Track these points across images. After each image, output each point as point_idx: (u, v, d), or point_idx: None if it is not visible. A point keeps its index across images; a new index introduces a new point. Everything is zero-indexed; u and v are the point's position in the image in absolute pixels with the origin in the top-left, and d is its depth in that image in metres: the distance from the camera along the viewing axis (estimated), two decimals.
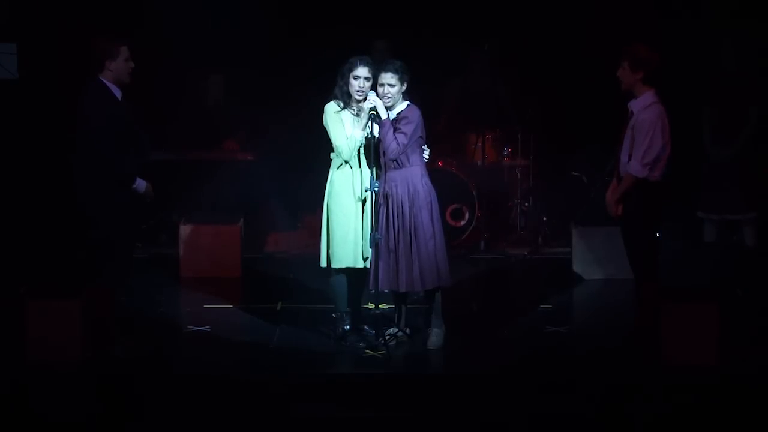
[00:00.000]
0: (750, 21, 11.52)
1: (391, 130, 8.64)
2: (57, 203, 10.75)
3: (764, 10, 11.62)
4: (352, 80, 8.77)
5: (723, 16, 11.76)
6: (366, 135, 8.76)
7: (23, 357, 8.50)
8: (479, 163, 12.22)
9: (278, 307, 10.04)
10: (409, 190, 8.71)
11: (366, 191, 8.79)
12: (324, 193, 8.92)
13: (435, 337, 8.89)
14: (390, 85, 8.68)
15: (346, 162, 8.84)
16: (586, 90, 12.07)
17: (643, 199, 8.58)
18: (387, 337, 8.84)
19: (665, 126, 8.57)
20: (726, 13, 11.76)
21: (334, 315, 9.04)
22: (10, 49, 11.08)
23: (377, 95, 8.73)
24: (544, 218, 12.41)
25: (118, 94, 8.56)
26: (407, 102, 8.79)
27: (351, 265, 8.86)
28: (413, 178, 8.73)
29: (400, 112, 8.75)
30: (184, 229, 11.08)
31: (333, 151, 8.89)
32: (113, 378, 8.30)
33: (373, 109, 8.70)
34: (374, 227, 8.73)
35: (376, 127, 8.74)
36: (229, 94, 12.51)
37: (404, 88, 8.74)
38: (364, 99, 8.74)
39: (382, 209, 8.75)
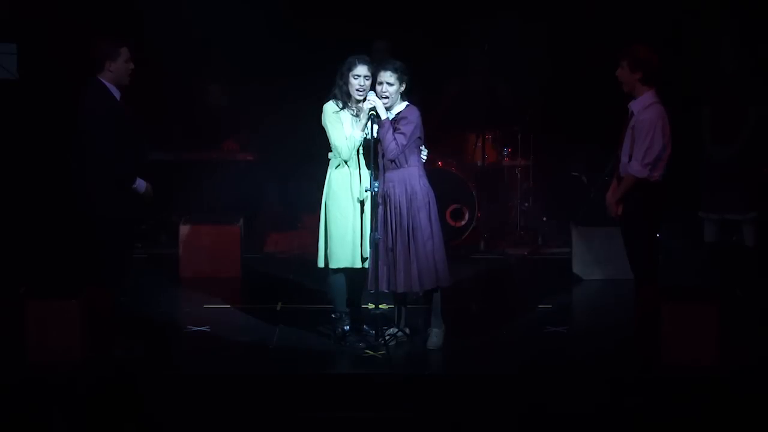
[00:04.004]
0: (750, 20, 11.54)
1: (391, 131, 8.64)
2: (57, 203, 10.74)
3: (763, 10, 11.64)
4: (352, 79, 8.76)
5: (723, 16, 11.76)
6: (365, 135, 8.76)
7: (23, 357, 8.50)
8: (479, 163, 12.23)
9: (278, 307, 10.05)
10: (406, 190, 8.71)
11: (366, 191, 8.79)
12: (323, 193, 8.92)
13: (435, 337, 8.89)
14: (388, 83, 8.68)
15: (345, 162, 8.84)
16: (586, 90, 12.07)
17: (644, 199, 8.58)
18: (387, 338, 8.84)
19: (665, 126, 8.57)
20: (726, 12, 11.77)
21: (333, 315, 9.03)
22: (10, 49, 11.09)
23: (375, 94, 8.73)
24: (544, 218, 12.41)
25: (117, 94, 8.56)
26: (406, 102, 8.79)
27: (349, 266, 8.85)
28: (411, 179, 8.73)
29: (399, 113, 8.75)
30: (184, 229, 11.08)
31: (331, 151, 8.89)
32: (113, 378, 8.29)
33: (373, 109, 8.69)
34: (374, 228, 8.73)
35: (374, 128, 8.74)
36: (229, 94, 12.51)
37: (403, 88, 8.73)
38: (365, 99, 8.74)
39: (381, 210, 8.75)
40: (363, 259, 8.84)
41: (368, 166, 8.80)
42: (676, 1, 12.12)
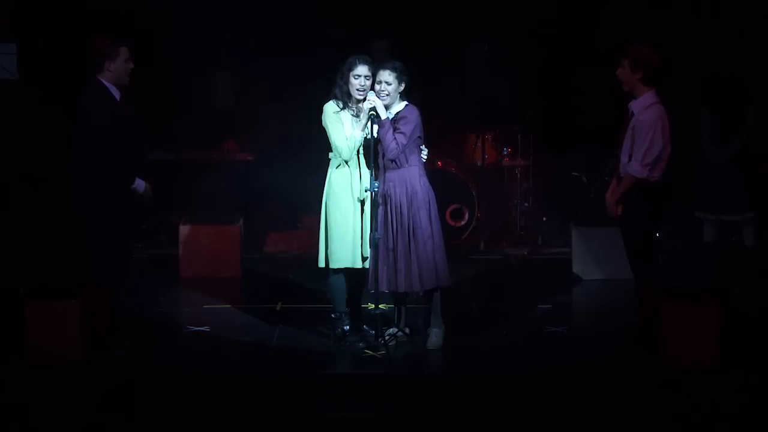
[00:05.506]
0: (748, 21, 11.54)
1: (391, 130, 8.64)
2: (57, 203, 10.75)
3: (763, 10, 11.64)
4: (352, 79, 8.76)
5: (722, 16, 11.77)
6: (365, 135, 8.76)
7: (23, 357, 8.50)
8: (479, 163, 12.22)
9: (278, 307, 10.05)
10: (407, 190, 8.71)
11: (366, 191, 8.79)
12: (323, 192, 8.92)
13: (434, 337, 8.89)
14: (387, 82, 8.68)
15: (346, 162, 8.84)
16: (586, 90, 12.07)
17: (643, 199, 8.58)
18: (386, 337, 8.84)
19: (665, 126, 8.57)
20: (725, 12, 11.77)
21: (333, 315, 9.03)
22: (10, 49, 11.09)
23: (375, 94, 8.73)
24: (544, 218, 12.41)
25: (117, 94, 8.56)
26: (405, 102, 8.79)
27: (349, 266, 8.85)
28: (411, 179, 8.73)
29: (398, 112, 8.75)
30: (184, 229, 11.08)
31: (332, 151, 8.89)
32: (113, 378, 8.29)
33: (373, 109, 8.69)
34: (374, 227, 8.73)
35: (375, 127, 8.74)
36: (235, 94, 12.52)
37: (402, 87, 8.73)
38: (365, 99, 8.74)
39: (381, 209, 8.75)
40: (363, 259, 8.84)
41: (368, 166, 8.81)
42: (676, 2, 12.12)
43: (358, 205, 8.84)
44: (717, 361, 8.44)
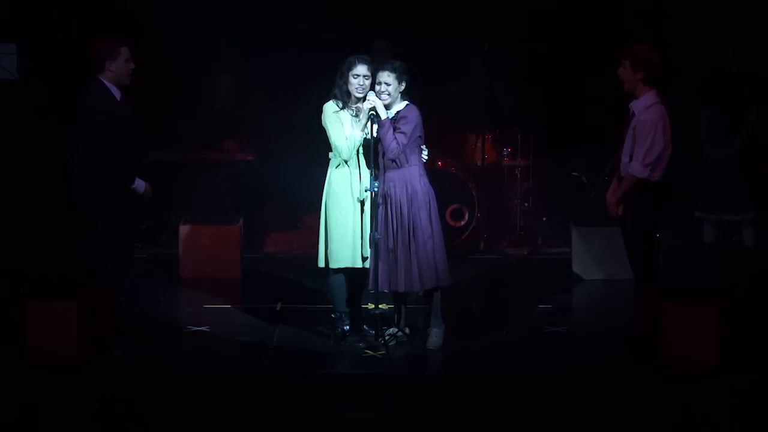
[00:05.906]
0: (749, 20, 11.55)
1: (391, 130, 8.64)
2: (57, 203, 10.74)
3: (763, 10, 11.65)
4: (351, 79, 8.76)
5: (722, 16, 11.77)
6: (365, 135, 8.76)
7: (23, 357, 8.49)
8: (479, 163, 12.22)
9: (278, 307, 10.04)
10: (407, 190, 8.71)
11: (366, 191, 8.79)
12: (323, 192, 8.92)
13: (434, 337, 8.89)
14: (386, 83, 8.68)
15: (345, 162, 8.84)
16: (586, 90, 12.07)
17: (644, 199, 8.58)
18: (386, 338, 8.84)
19: (666, 126, 8.57)
20: (725, 12, 11.77)
21: (333, 315, 9.03)
22: (10, 49, 11.09)
23: (375, 94, 8.72)
24: (544, 218, 12.41)
25: (118, 94, 8.56)
26: (406, 102, 8.79)
27: (349, 266, 8.85)
28: (412, 178, 8.73)
29: (399, 112, 8.75)
30: (184, 229, 11.08)
31: (332, 151, 8.89)
32: (113, 378, 8.29)
33: (373, 109, 8.69)
34: (374, 227, 8.73)
35: (375, 127, 8.74)
36: (235, 94, 12.52)
37: (402, 87, 8.73)
38: (365, 98, 8.74)
39: (381, 209, 8.75)
40: (363, 259, 8.84)
41: (368, 166, 8.81)
42: (676, 2, 12.12)
43: (358, 205, 8.84)
44: (717, 361, 8.44)
